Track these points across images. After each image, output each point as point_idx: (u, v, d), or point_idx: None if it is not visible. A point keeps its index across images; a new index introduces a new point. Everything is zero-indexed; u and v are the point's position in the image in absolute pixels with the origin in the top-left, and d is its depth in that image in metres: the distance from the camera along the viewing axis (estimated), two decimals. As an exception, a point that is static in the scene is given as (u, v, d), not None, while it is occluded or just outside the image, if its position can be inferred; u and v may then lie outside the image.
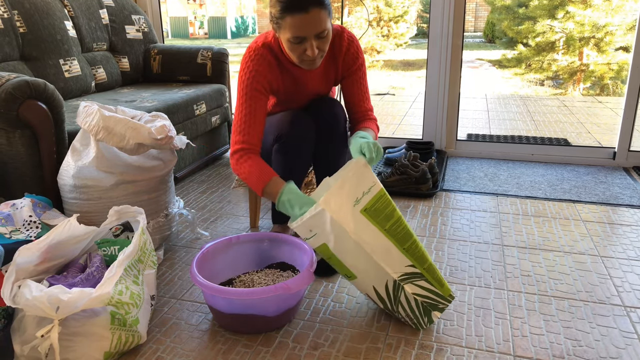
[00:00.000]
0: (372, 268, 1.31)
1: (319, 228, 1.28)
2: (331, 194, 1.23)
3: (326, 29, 1.42)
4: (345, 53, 1.63)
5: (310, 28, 1.39)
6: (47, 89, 1.66)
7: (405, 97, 5.89)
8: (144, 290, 1.33)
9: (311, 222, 1.27)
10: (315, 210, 1.24)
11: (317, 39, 1.43)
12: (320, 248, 1.33)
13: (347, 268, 1.34)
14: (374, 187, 1.29)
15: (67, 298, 1.12)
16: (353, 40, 1.65)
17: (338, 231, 1.26)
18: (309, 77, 1.65)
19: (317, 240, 1.31)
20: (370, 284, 1.35)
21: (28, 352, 1.17)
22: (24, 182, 1.69)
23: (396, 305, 1.36)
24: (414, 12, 9.84)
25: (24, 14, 2.25)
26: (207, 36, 16.22)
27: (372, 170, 1.30)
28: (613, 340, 1.33)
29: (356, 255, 1.30)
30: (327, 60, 1.64)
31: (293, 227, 1.31)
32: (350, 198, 1.25)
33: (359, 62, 1.66)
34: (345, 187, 1.25)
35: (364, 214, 1.27)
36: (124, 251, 1.29)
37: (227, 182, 2.54)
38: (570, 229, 1.97)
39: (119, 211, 1.45)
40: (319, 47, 1.45)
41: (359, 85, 1.68)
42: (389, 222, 1.29)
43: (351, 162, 1.35)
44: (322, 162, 1.70)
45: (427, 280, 1.33)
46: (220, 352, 1.30)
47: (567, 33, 6.85)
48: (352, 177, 1.26)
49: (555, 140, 3.14)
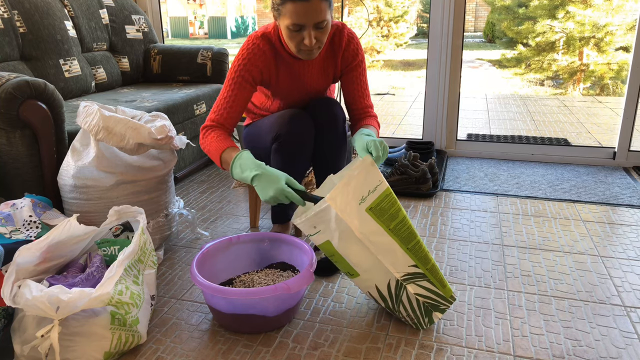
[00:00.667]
0: (375, 267, 1.31)
1: (323, 225, 1.28)
2: (337, 191, 1.23)
3: (325, 20, 1.43)
4: (345, 49, 1.64)
5: (309, 16, 1.40)
6: (47, 89, 1.66)
7: (405, 97, 5.89)
8: (144, 290, 1.34)
9: (316, 218, 1.27)
10: (321, 207, 1.24)
11: (315, 29, 1.44)
12: (323, 245, 1.33)
13: (350, 266, 1.34)
14: (380, 185, 1.29)
15: (67, 298, 1.12)
16: (353, 37, 1.65)
17: (343, 229, 1.26)
18: (307, 71, 1.65)
19: (321, 237, 1.31)
20: (373, 282, 1.35)
21: (28, 352, 1.17)
22: (24, 182, 1.69)
23: (398, 305, 1.36)
24: (414, 12, 9.84)
25: (24, 14, 2.25)
26: (207, 36, 16.23)
27: (378, 169, 1.30)
28: (613, 340, 1.33)
29: (360, 253, 1.30)
30: (326, 55, 1.64)
31: (297, 223, 1.31)
32: (356, 196, 1.25)
33: (358, 59, 1.66)
34: (351, 185, 1.25)
35: (369, 212, 1.27)
36: (124, 251, 1.29)
37: (227, 182, 2.54)
38: (570, 229, 1.97)
39: (119, 211, 1.45)
40: (317, 37, 1.45)
41: (358, 81, 1.68)
42: (393, 222, 1.29)
43: (357, 160, 1.35)
44: (321, 162, 1.70)
45: (429, 280, 1.33)
46: (220, 352, 1.30)
47: (567, 33, 6.84)
48: (359, 175, 1.26)
49: (555, 140, 3.14)
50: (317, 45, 1.48)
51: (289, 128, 1.60)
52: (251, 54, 1.57)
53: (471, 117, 4.41)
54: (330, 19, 1.48)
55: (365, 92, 1.70)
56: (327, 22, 1.45)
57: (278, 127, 1.62)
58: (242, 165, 1.42)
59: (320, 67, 1.65)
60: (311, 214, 1.27)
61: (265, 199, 1.38)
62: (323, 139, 1.66)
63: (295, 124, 1.60)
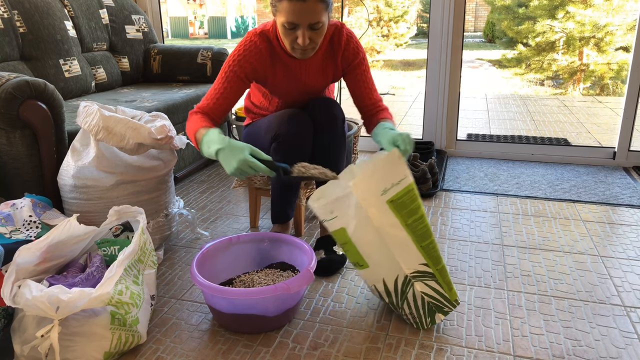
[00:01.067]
0: (386, 260, 1.31)
1: (341, 211, 1.28)
2: (360, 179, 1.23)
3: (320, 22, 1.43)
4: (345, 48, 1.63)
5: (304, 16, 1.40)
6: (47, 89, 1.66)
7: (405, 97, 5.89)
8: (144, 290, 1.34)
9: (336, 204, 1.27)
10: (342, 192, 1.24)
11: (309, 29, 1.44)
12: (337, 232, 1.33)
13: (361, 256, 1.33)
14: (404, 180, 1.28)
15: (67, 298, 1.12)
16: (352, 36, 1.65)
17: (361, 217, 1.26)
18: (304, 70, 1.65)
19: (336, 224, 1.31)
20: (381, 276, 1.34)
21: (28, 352, 1.17)
22: (24, 182, 1.69)
23: (402, 301, 1.36)
24: (414, 12, 9.84)
25: (24, 14, 2.25)
26: (207, 36, 16.23)
27: (405, 163, 1.30)
28: (613, 340, 1.33)
29: (373, 244, 1.29)
30: (325, 55, 1.64)
31: (314, 207, 1.31)
32: (379, 187, 1.25)
33: (360, 57, 1.66)
34: (375, 176, 1.25)
35: (390, 205, 1.26)
36: (124, 251, 1.29)
37: (227, 182, 2.54)
38: (570, 229, 1.97)
39: (118, 211, 1.45)
40: (312, 38, 1.46)
41: (363, 78, 1.68)
42: (411, 217, 1.29)
43: (383, 153, 1.33)
44: (320, 162, 1.70)
45: (437, 281, 1.33)
46: (220, 352, 1.30)
47: (567, 33, 6.84)
48: (384, 167, 1.26)
49: (555, 140, 3.14)
50: (311, 46, 1.48)
51: (287, 128, 1.60)
52: (247, 51, 1.58)
53: (471, 117, 4.41)
54: (327, 20, 1.49)
55: (372, 87, 1.69)
56: (322, 24, 1.45)
57: (277, 126, 1.62)
58: (209, 142, 1.42)
59: (319, 66, 1.66)
60: (332, 199, 1.27)
61: (230, 172, 1.37)
62: (322, 139, 1.66)
63: (294, 124, 1.60)
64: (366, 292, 1.56)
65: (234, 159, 1.35)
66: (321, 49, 1.61)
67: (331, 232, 1.35)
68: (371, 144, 3.06)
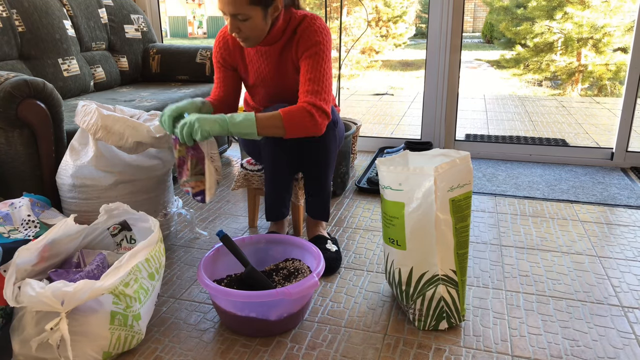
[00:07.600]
0: (426, 252, 1.31)
1: (410, 187, 1.29)
2: (444, 168, 1.26)
3: (241, 14, 1.45)
4: (300, 37, 1.58)
5: (226, 5, 1.45)
6: (45, 88, 1.66)
7: (403, 97, 5.90)
8: (155, 287, 1.33)
9: (411, 176, 1.28)
10: (421, 172, 1.26)
11: (234, 19, 1.48)
12: (393, 204, 1.33)
13: (404, 236, 1.33)
14: (467, 185, 1.31)
15: (71, 289, 1.13)
16: (312, 27, 1.57)
17: (427, 203, 1.27)
18: (264, 60, 1.66)
19: (397, 196, 1.32)
20: (412, 264, 1.34)
21: (36, 347, 1.17)
22: (22, 181, 1.69)
23: (417, 296, 1.36)
24: (412, 13, 9.84)
25: (23, 13, 2.24)
26: (206, 36, 16.21)
27: (472, 170, 1.32)
28: (611, 340, 1.33)
29: (422, 232, 1.30)
30: (285, 45, 1.63)
31: (382, 170, 1.34)
32: (450, 182, 1.28)
33: (316, 48, 1.56)
34: (452, 170, 1.27)
35: (450, 203, 1.28)
36: (139, 243, 1.29)
37: (226, 182, 2.54)
38: (568, 229, 1.97)
39: (108, 210, 1.46)
40: (240, 28, 1.50)
41: (309, 69, 1.56)
42: (461, 223, 1.31)
43: (460, 152, 1.34)
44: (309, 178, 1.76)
45: (458, 291, 1.35)
46: (219, 352, 1.30)
47: (565, 34, 6.85)
48: (459, 165, 1.28)
49: (554, 141, 3.15)
50: (241, 36, 1.52)
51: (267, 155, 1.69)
52: (218, 41, 1.71)
53: (469, 118, 4.42)
54: (260, 15, 1.48)
55: (313, 79, 1.54)
56: (248, 16, 1.46)
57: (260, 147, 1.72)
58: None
59: (277, 56, 1.65)
60: (410, 168, 1.28)
61: None
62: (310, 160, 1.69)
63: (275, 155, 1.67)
64: (365, 292, 1.56)
65: (167, 111, 1.53)
66: (282, 39, 1.62)
67: (386, 200, 1.35)
68: (371, 143, 3.07)
